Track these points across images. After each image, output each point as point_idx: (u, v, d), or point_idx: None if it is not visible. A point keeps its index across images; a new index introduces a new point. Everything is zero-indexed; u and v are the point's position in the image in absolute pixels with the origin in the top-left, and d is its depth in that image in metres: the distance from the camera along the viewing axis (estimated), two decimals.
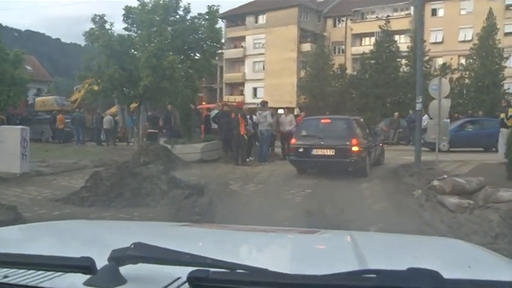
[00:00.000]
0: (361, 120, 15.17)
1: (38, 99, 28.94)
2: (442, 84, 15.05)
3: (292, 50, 49.61)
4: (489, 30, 37.91)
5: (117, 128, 25.36)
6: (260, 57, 52.04)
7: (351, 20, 50.06)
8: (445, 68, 39.32)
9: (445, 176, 8.93)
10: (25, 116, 28.88)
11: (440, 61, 42.14)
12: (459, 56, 43.32)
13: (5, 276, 1.13)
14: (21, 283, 1.10)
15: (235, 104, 24.90)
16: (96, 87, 19.27)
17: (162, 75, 17.91)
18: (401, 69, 41.12)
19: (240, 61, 54.33)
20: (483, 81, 37.15)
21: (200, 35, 20.10)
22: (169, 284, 1.07)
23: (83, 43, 22.76)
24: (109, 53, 18.90)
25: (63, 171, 13.91)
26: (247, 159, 16.07)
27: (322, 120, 13.64)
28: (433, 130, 15.00)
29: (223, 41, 20.41)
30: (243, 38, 53.61)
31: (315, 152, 12.11)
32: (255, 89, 52.18)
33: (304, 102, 44.63)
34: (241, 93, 52.38)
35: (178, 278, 1.08)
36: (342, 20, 51.29)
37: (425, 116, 25.52)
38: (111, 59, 19.02)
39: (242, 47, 53.76)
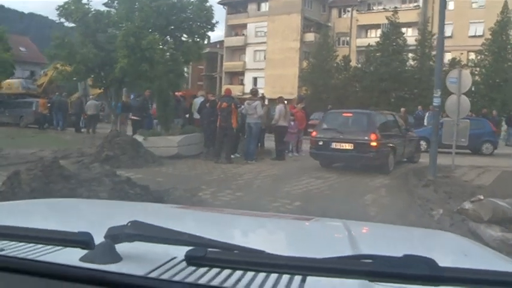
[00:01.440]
0: (391, 114, 14.53)
1: (5, 81, 26.42)
2: (463, 76, 12.62)
3: (294, 40, 46.99)
4: (503, 24, 35.41)
5: (99, 114, 23.00)
6: (261, 46, 49.38)
7: (357, 10, 47.33)
8: (454, 63, 36.78)
9: (481, 197, 6.48)
10: (4, 99, 26.44)
11: (449, 56, 39.56)
12: (468, 51, 40.72)
13: (1, 250, 1.09)
14: (16, 256, 1.07)
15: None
16: (68, 69, 16.84)
17: (141, 56, 15.50)
18: (407, 63, 38.75)
19: (240, 49, 51.71)
20: (494, 78, 34.70)
21: (188, 14, 17.64)
22: (165, 263, 1.05)
23: None
24: (84, 30, 16.49)
25: (10, 164, 11.53)
26: (233, 156, 13.71)
27: (344, 114, 13.22)
28: (450, 130, 12.62)
29: (214, 21, 17.86)
30: (244, 26, 50.97)
31: (334, 145, 11.90)
32: (255, 79, 49.54)
33: (306, 93, 42.25)
34: (241, 83, 49.84)
35: (174, 258, 1.06)
36: (348, 11, 48.53)
37: (429, 112, 23.24)
38: (86, 38, 16.62)
39: (243, 35, 51.13)
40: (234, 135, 12.70)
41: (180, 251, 1.00)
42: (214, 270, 1.00)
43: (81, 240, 1.03)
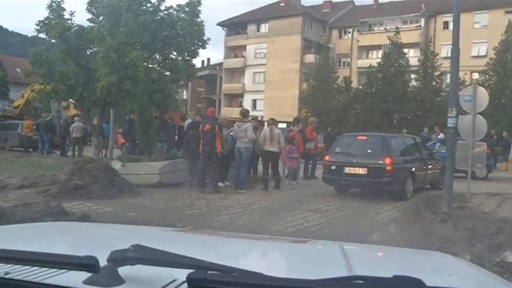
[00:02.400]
0: (411, 137, 13.79)
1: None
2: (478, 94, 11.09)
3: (294, 61, 45.80)
4: (507, 44, 34.05)
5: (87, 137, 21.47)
6: (261, 67, 48.18)
7: (358, 31, 46.22)
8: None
9: None
10: None
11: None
12: (472, 72, 39.33)
13: (6, 273, 1.10)
14: (22, 279, 1.08)
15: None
16: (47, 88, 15.39)
17: (124, 74, 14.08)
18: (410, 84, 37.38)
19: (240, 71, 50.52)
20: (500, 98, 33.23)
21: (178, 30, 16.27)
22: (167, 285, 1.06)
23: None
24: (64, 47, 15.08)
25: None
26: (222, 184, 12.16)
27: (358, 137, 12.47)
28: (464, 155, 11.06)
29: (205, 38, 16.46)
30: (243, 48, 49.85)
31: (347, 170, 11.22)
32: (254, 101, 48.24)
33: (306, 115, 40.80)
34: (240, 105, 48.42)
35: (175, 280, 1.07)
36: (348, 32, 47.43)
37: (435, 135, 21.74)
38: (66, 55, 15.21)
39: (242, 56, 49.97)
40: (219, 161, 11.12)
41: (181, 274, 1.03)
42: None
43: (87, 264, 1.03)
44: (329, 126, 27.41)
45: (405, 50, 38.80)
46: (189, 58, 16.69)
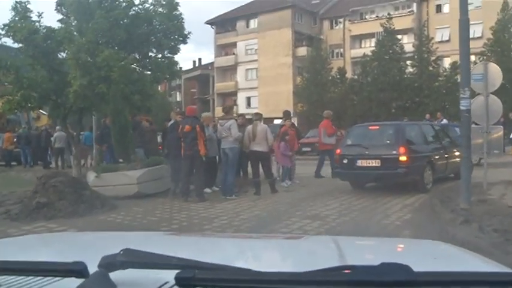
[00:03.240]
0: (428, 125, 13.17)
1: None
2: (490, 71, 9.81)
3: (286, 55, 44.38)
4: (504, 23, 32.71)
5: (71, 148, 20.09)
6: (253, 64, 46.75)
7: (349, 20, 44.78)
8: (456, 67, 34.05)
9: None
10: None
11: (447, 61, 36.84)
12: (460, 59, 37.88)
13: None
14: None
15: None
16: (17, 96, 13.95)
17: (97, 76, 12.67)
18: (406, 71, 36.04)
19: (231, 69, 49.05)
20: None
21: (156, 26, 14.84)
22: None
23: None
24: (32, 51, 13.67)
25: None
26: (209, 190, 10.80)
27: (370, 127, 11.86)
28: (478, 140, 9.72)
29: (186, 32, 15.03)
30: (234, 45, 48.39)
31: (360, 163, 10.46)
32: (248, 99, 46.86)
33: (301, 110, 39.55)
34: (234, 104, 47.07)
35: (167, 282, 1.06)
36: (340, 22, 45.97)
37: (438, 121, 20.37)
38: (35, 60, 13.80)
39: (233, 54, 48.51)
40: (204, 165, 9.72)
41: (172, 275, 1.01)
42: None
43: (75, 270, 1.04)
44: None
45: (399, 37, 37.45)
46: (169, 55, 15.26)
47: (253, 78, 47.03)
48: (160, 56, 15.34)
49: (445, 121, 19.73)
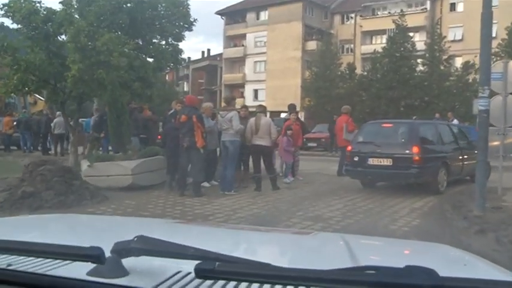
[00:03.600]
0: (445, 124, 12.58)
1: None
2: (510, 70, 9.16)
3: (296, 49, 43.61)
4: None
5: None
6: (262, 56, 45.99)
7: (361, 16, 43.91)
8: (468, 67, 33.27)
9: None
10: None
11: (459, 60, 36.00)
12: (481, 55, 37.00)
13: (9, 265, 1.08)
14: (25, 270, 1.06)
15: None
16: (14, 79, 13.42)
17: (96, 61, 12.13)
18: (417, 69, 35.20)
19: (240, 61, 48.32)
20: None
21: (160, 11, 14.27)
22: (171, 277, 1.04)
23: None
24: (31, 33, 13.16)
25: None
26: (208, 185, 10.26)
27: (383, 125, 11.46)
28: (494, 142, 9.13)
29: (192, 19, 14.44)
30: (243, 36, 47.61)
31: (371, 161, 10.05)
32: (256, 91, 46.16)
33: (309, 104, 38.88)
34: (242, 96, 46.44)
35: (180, 271, 1.06)
36: (351, 17, 45.10)
37: (455, 120, 19.66)
38: (34, 42, 13.28)
39: (242, 45, 47.78)
40: (203, 158, 9.14)
41: (186, 265, 1.02)
42: (221, 283, 1.00)
43: (92, 255, 1.01)
44: (334, 115, 25.36)
45: (410, 34, 36.63)
46: (172, 42, 14.68)
47: (261, 71, 46.32)
48: (164, 43, 14.79)
49: (455, 121, 18.98)
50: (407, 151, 9.72)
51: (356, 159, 10.28)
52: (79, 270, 1.01)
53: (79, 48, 12.07)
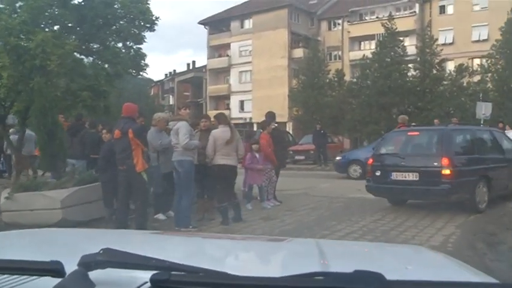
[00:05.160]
0: (486, 130, 10.69)
1: None
2: None
3: (282, 57, 41.47)
4: None
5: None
6: (247, 66, 43.77)
7: (348, 21, 41.88)
8: (462, 70, 31.26)
9: None
10: None
11: (451, 64, 34.03)
12: (472, 58, 35.18)
13: None
14: None
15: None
16: None
17: (31, 66, 9.84)
18: (408, 74, 33.15)
19: (225, 71, 46.06)
20: (509, 83, 29.06)
21: (116, 9, 12.03)
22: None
23: None
24: None
25: None
26: (162, 218, 7.95)
27: (409, 133, 9.91)
28: None
29: (154, 17, 12.22)
30: (227, 46, 45.40)
31: (394, 176, 8.65)
32: (242, 102, 43.95)
33: (296, 114, 36.73)
34: (227, 107, 44.22)
35: (146, 283, 1.03)
36: (338, 23, 43.04)
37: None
38: None
39: (227, 55, 45.57)
40: (143, 187, 6.81)
41: (150, 276, 1.00)
42: None
43: (52, 269, 1.02)
44: (317, 124, 23.19)
45: (400, 39, 34.66)
46: (132, 44, 12.43)
47: (247, 81, 44.08)
48: (121, 45, 12.55)
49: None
50: (435, 163, 8.23)
51: (378, 173, 8.91)
52: (45, 285, 1.00)
53: (8, 50, 9.77)
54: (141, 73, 13.69)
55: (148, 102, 47.15)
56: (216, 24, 46.28)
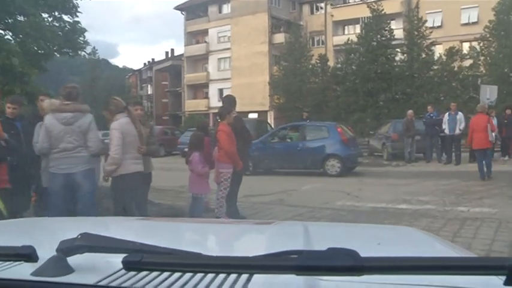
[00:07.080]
0: None
1: None
2: None
3: (262, 43, 38.83)
4: (509, 3, 27.56)
5: None
6: (226, 52, 41.06)
7: (331, 5, 39.26)
8: (452, 54, 28.98)
9: None
10: None
11: (440, 48, 31.71)
12: (462, 41, 32.84)
13: None
14: None
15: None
16: None
17: None
18: (396, 58, 30.81)
19: (203, 59, 43.29)
20: (503, 67, 26.82)
21: None
22: (116, 272, 1.01)
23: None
24: None
25: None
26: None
27: None
28: None
29: None
30: (205, 32, 42.63)
31: None
32: (221, 91, 41.20)
33: (278, 102, 34.26)
34: (206, 96, 41.56)
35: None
36: (321, 7, 40.45)
37: (449, 114, 15.20)
38: None
39: (205, 42, 42.79)
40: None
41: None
42: (155, 274, 0.98)
43: (24, 254, 1.00)
44: (304, 112, 20.65)
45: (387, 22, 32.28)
46: (60, 15, 9.74)
47: (226, 69, 41.37)
48: (47, 17, 9.83)
49: (460, 115, 14.46)
50: None
51: None
52: (24, 271, 0.99)
53: None
54: (80, 52, 10.97)
55: (124, 92, 44.41)
56: (193, 9, 43.42)
